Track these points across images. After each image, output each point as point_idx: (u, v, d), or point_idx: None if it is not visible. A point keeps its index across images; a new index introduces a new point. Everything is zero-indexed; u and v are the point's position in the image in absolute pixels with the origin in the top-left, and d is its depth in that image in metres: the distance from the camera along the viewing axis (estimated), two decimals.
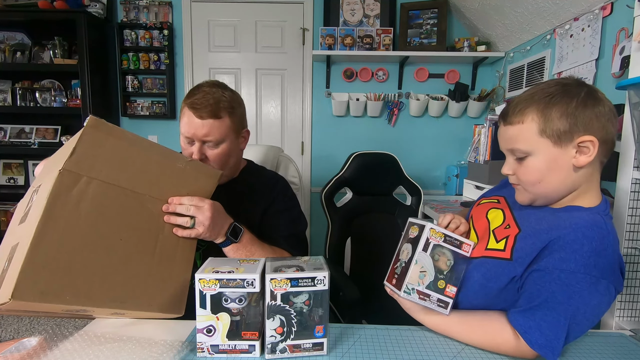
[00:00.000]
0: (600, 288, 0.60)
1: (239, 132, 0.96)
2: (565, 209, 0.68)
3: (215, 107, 0.88)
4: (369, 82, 2.56)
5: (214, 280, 0.62)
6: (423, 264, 0.70)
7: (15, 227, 0.69)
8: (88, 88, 2.26)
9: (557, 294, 0.61)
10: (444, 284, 0.70)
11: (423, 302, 0.70)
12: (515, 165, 0.68)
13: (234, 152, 0.96)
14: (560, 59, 1.81)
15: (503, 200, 0.81)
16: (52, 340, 0.67)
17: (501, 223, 0.75)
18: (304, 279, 0.63)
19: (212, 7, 2.54)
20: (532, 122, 0.63)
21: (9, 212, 2.50)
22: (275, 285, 0.62)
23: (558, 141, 0.63)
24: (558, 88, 0.63)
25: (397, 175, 1.73)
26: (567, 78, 0.67)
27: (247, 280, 0.62)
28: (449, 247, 0.71)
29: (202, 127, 0.88)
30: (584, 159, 0.63)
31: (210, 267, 0.65)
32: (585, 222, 0.63)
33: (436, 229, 0.71)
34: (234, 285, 0.62)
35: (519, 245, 0.68)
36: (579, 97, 0.62)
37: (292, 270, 0.64)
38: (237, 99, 0.95)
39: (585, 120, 0.61)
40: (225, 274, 0.63)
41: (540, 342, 0.61)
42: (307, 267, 0.66)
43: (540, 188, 0.67)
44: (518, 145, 0.66)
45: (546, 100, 0.63)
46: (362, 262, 1.65)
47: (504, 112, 0.68)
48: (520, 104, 0.65)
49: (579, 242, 0.61)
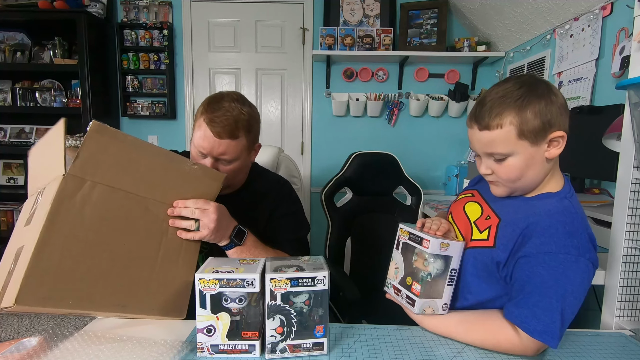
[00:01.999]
0: (581, 265, 0.64)
1: (252, 148, 0.96)
2: (537, 197, 0.73)
3: (235, 127, 0.86)
4: (369, 82, 2.56)
5: (214, 280, 0.62)
6: (396, 261, 0.78)
7: (21, 228, 0.70)
8: (88, 88, 2.26)
9: (545, 276, 0.64)
10: (411, 281, 0.73)
11: (397, 297, 0.77)
12: (493, 165, 0.71)
13: (245, 167, 0.96)
14: (560, 59, 1.81)
15: (477, 193, 0.85)
16: (52, 340, 0.67)
17: (480, 215, 0.78)
18: (304, 278, 0.63)
19: (212, 7, 2.54)
20: (510, 125, 0.65)
21: (9, 212, 2.50)
22: (275, 285, 0.62)
23: (534, 140, 0.66)
24: (525, 89, 0.66)
25: (397, 175, 1.73)
26: (523, 75, 0.70)
27: (247, 280, 0.62)
28: (412, 244, 0.75)
29: (219, 146, 0.86)
30: (555, 152, 0.68)
31: (211, 267, 0.65)
32: (556, 207, 0.69)
33: (404, 228, 0.78)
34: (234, 285, 0.62)
35: (501, 233, 0.72)
36: (544, 94, 0.65)
37: (292, 270, 0.64)
38: (255, 116, 0.93)
39: (554, 116, 0.65)
40: (225, 273, 0.63)
41: (538, 329, 0.62)
42: (307, 267, 0.66)
43: (520, 183, 0.71)
44: (498, 150, 0.68)
45: (519, 103, 0.65)
46: (362, 262, 1.65)
47: (478, 117, 0.68)
48: (495, 108, 0.66)
49: (554, 227, 0.66)
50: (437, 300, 0.73)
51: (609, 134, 1.24)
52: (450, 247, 0.72)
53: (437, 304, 0.73)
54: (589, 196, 1.46)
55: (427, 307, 0.73)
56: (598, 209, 1.20)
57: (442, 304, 0.74)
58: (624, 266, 0.90)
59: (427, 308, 0.73)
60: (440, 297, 0.73)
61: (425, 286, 0.72)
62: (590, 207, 1.23)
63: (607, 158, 1.28)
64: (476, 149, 0.73)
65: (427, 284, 0.72)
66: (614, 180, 0.96)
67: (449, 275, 0.73)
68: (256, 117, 0.94)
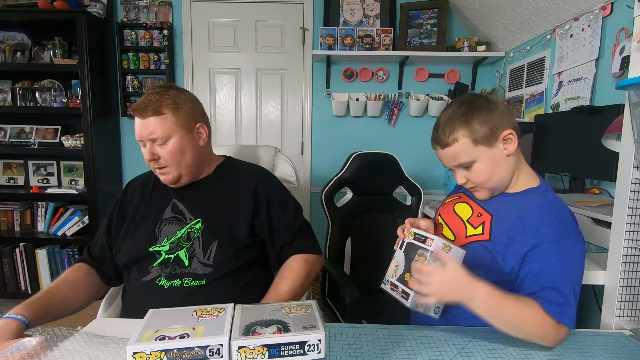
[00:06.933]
0: (579, 248, 0.73)
1: (190, 127, 0.96)
2: (521, 194, 0.81)
3: (156, 105, 0.90)
4: (369, 82, 2.56)
5: (157, 353, 0.41)
6: (397, 260, 0.79)
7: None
8: (88, 88, 2.26)
9: (555, 264, 0.71)
10: (409, 277, 0.73)
11: (392, 292, 0.77)
12: (466, 173, 0.80)
13: (187, 147, 0.95)
14: (560, 59, 1.81)
15: (463, 195, 0.92)
16: (52, 340, 0.67)
17: (472, 213, 0.85)
18: (288, 345, 0.43)
19: (212, 7, 2.54)
20: (463, 137, 0.76)
21: (9, 212, 2.50)
22: (247, 356, 0.42)
23: (489, 143, 0.76)
24: (466, 106, 0.77)
25: (397, 175, 1.73)
26: (465, 94, 0.85)
27: (211, 347, 0.41)
28: (417, 243, 0.75)
29: (145, 127, 0.91)
30: (511, 147, 0.77)
31: (152, 330, 0.44)
32: (543, 202, 0.78)
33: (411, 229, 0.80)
34: (191, 357, 0.41)
35: (495, 228, 0.79)
36: (483, 105, 0.77)
37: (271, 331, 0.44)
38: (183, 96, 0.96)
39: (496, 120, 0.76)
40: (176, 340, 0.41)
41: (565, 314, 0.69)
42: (294, 323, 0.45)
43: (493, 183, 0.80)
44: (462, 159, 0.78)
45: (464, 119, 0.76)
46: (362, 262, 1.65)
47: (437, 139, 0.80)
48: (446, 127, 0.77)
49: (548, 220, 0.74)
50: None
51: (609, 134, 1.25)
52: (451, 251, 0.72)
53: (430, 305, 0.73)
54: (589, 196, 1.46)
55: (420, 304, 0.73)
56: (598, 209, 1.20)
57: (435, 307, 0.74)
58: (624, 266, 0.90)
59: (419, 305, 0.73)
60: None
61: None
62: (590, 207, 1.23)
63: (607, 158, 1.28)
64: (447, 165, 0.83)
65: None
66: (614, 180, 0.96)
67: None
68: (184, 97, 0.96)
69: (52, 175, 2.58)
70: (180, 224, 0.96)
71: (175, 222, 0.96)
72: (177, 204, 0.99)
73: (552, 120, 1.72)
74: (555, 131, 1.64)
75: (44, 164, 2.57)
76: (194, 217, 0.96)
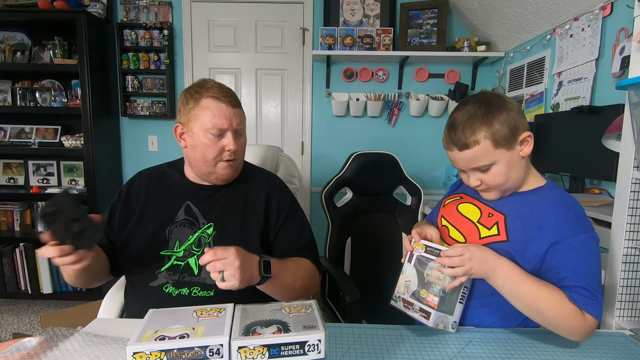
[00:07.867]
0: (595, 240, 0.73)
1: None
2: (531, 192, 0.80)
3: (236, 96, 0.91)
4: (369, 82, 2.56)
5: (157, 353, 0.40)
6: (408, 275, 0.76)
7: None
8: (88, 88, 2.26)
9: (576, 258, 0.71)
10: (426, 294, 0.72)
11: (407, 310, 0.74)
12: (481, 176, 0.77)
13: None
14: (560, 59, 1.80)
15: (465, 195, 0.89)
16: (52, 340, 0.67)
17: (481, 214, 0.82)
18: (288, 345, 0.42)
19: (212, 7, 2.54)
20: (485, 139, 0.73)
21: (9, 212, 2.49)
22: (246, 357, 0.41)
23: (509, 145, 0.74)
24: (485, 106, 0.74)
25: (397, 175, 1.72)
26: (477, 95, 0.79)
27: (211, 347, 0.41)
28: (429, 256, 0.74)
29: (236, 116, 0.89)
30: (527, 149, 0.76)
31: (152, 330, 0.44)
32: (554, 198, 0.78)
33: (421, 242, 0.78)
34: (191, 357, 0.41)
35: (511, 227, 0.77)
36: (502, 105, 0.74)
37: (271, 332, 0.44)
38: None
39: (516, 121, 0.74)
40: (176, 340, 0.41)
41: (598, 312, 0.69)
42: (294, 323, 0.46)
43: (508, 184, 0.78)
44: (482, 162, 0.75)
45: (485, 119, 0.73)
46: (362, 262, 1.65)
47: (455, 141, 0.75)
48: (467, 129, 0.74)
49: (563, 215, 0.74)
50: (448, 316, 0.72)
51: (609, 134, 1.25)
52: None
53: (449, 320, 0.72)
54: (589, 196, 1.46)
55: (440, 321, 0.72)
56: (598, 209, 1.20)
57: (452, 322, 0.73)
58: (624, 266, 0.91)
59: (440, 323, 0.72)
60: (452, 313, 0.72)
61: (440, 300, 0.71)
62: (590, 207, 1.23)
63: (607, 158, 1.28)
64: (461, 167, 0.80)
65: (441, 298, 0.71)
66: (614, 180, 0.96)
67: (462, 293, 0.73)
68: None
69: (52, 175, 2.58)
70: (193, 228, 0.92)
71: (188, 225, 0.92)
72: (191, 206, 0.94)
73: (552, 120, 1.72)
74: (555, 131, 1.64)
75: (44, 164, 2.57)
76: (207, 221, 0.92)
